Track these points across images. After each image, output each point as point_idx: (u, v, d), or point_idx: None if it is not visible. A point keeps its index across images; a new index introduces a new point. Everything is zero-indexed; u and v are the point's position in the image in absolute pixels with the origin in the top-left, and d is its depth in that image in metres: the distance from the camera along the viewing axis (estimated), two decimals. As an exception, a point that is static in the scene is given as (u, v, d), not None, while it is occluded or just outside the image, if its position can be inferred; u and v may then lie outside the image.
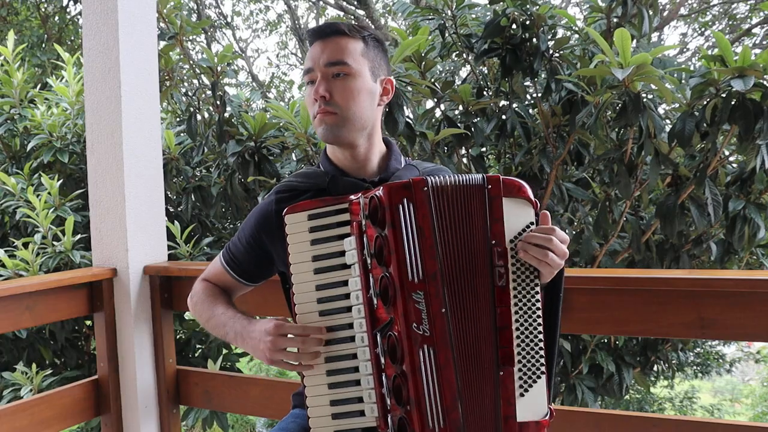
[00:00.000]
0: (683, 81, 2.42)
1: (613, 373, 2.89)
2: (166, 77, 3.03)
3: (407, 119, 2.49)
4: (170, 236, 2.62)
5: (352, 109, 1.23)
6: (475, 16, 2.79)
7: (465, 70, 3.23)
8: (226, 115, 2.97)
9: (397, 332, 1.06)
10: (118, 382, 2.20)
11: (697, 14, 8.75)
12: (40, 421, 1.99)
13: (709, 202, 2.33)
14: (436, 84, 2.71)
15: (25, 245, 2.67)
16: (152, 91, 2.29)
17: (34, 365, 2.65)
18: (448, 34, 2.77)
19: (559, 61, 2.58)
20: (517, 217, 1.09)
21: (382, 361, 1.09)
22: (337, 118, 1.23)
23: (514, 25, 2.54)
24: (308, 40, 1.29)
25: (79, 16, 8.13)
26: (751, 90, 2.04)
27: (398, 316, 1.06)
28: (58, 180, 2.98)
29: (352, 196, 1.14)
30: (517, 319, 1.08)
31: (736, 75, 2.06)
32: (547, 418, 1.10)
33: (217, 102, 2.92)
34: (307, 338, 1.12)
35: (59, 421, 2.05)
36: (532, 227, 1.10)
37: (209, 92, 3.00)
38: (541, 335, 1.10)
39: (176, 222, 2.85)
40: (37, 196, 2.79)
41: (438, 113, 2.79)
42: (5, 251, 2.70)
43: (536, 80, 2.64)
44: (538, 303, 1.10)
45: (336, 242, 1.14)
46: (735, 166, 2.68)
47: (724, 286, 1.55)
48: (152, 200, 2.28)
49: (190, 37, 3.75)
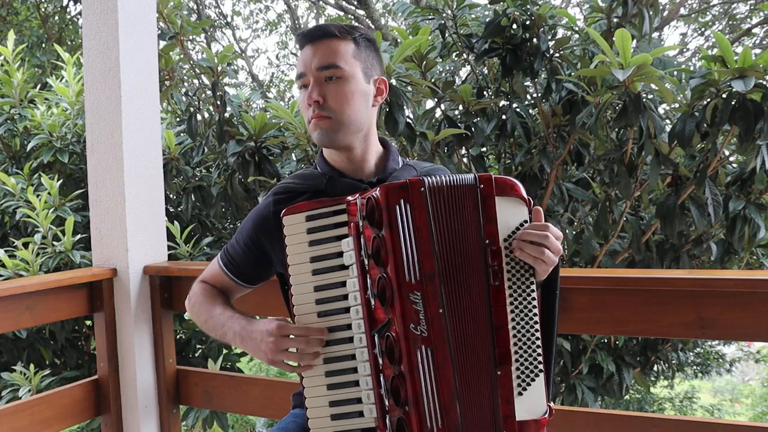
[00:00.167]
0: (683, 81, 2.42)
1: (613, 373, 2.89)
2: (166, 77, 3.03)
3: (407, 119, 2.49)
4: (170, 236, 2.62)
5: (347, 113, 1.23)
6: (475, 16, 2.79)
7: (465, 70, 3.23)
8: (227, 115, 2.97)
9: (394, 333, 1.06)
10: (118, 382, 2.20)
11: (697, 14, 8.74)
12: (40, 421, 1.99)
13: (709, 203, 2.33)
14: (437, 84, 2.71)
15: (25, 245, 2.67)
16: (152, 91, 2.29)
17: (32, 366, 2.66)
18: (448, 34, 2.77)
19: (560, 61, 2.58)
20: (510, 216, 1.09)
21: (380, 361, 1.09)
22: (332, 123, 1.23)
23: (514, 25, 2.54)
24: (299, 44, 1.27)
25: (79, 16, 8.13)
26: (751, 90, 2.04)
27: (396, 317, 1.06)
28: (58, 180, 2.98)
29: (350, 197, 1.14)
30: (514, 318, 1.08)
31: (737, 75, 2.06)
32: (547, 416, 1.10)
33: (218, 102, 2.92)
34: (309, 339, 1.12)
35: (59, 421, 2.05)
36: (526, 225, 1.10)
37: (209, 92, 3.00)
38: (538, 333, 1.09)
39: (176, 222, 2.85)
40: (37, 196, 2.79)
41: (438, 113, 2.79)
42: (5, 251, 2.71)
43: (536, 80, 2.64)
44: (534, 301, 1.10)
45: (334, 243, 1.13)
46: (735, 166, 2.68)
47: (724, 286, 1.54)
48: (152, 200, 2.28)
49: (190, 37, 3.75)
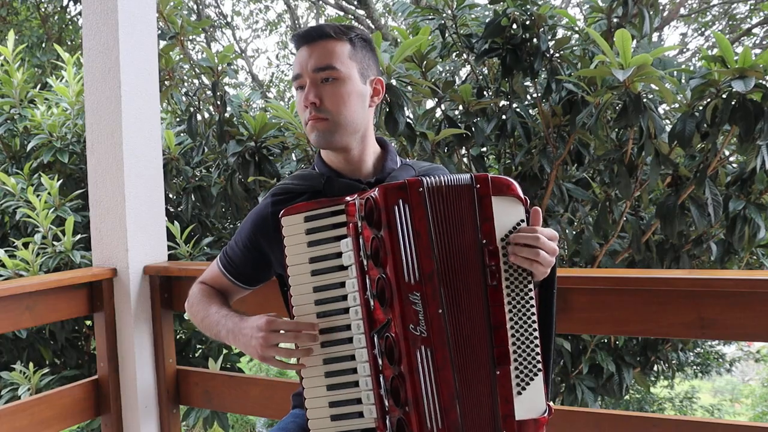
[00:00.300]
0: (683, 81, 2.42)
1: (613, 373, 2.89)
2: (166, 77, 3.03)
3: (408, 119, 2.49)
4: (170, 236, 2.62)
5: (344, 114, 1.22)
6: (475, 16, 2.79)
7: (465, 70, 3.23)
8: (227, 115, 2.97)
9: (394, 333, 1.06)
10: (118, 382, 2.20)
11: (697, 14, 8.74)
12: (40, 421, 1.99)
13: (709, 203, 2.33)
14: (437, 84, 2.71)
15: (25, 245, 2.67)
16: (152, 91, 2.29)
17: (32, 364, 2.65)
18: (448, 34, 2.77)
19: (560, 62, 2.58)
20: (507, 215, 1.09)
21: (380, 362, 1.08)
22: (329, 124, 1.22)
23: (514, 25, 2.54)
24: (294, 45, 1.27)
25: (79, 16, 8.13)
26: (751, 91, 2.04)
27: (395, 318, 1.05)
28: (58, 180, 2.98)
29: (348, 198, 1.13)
30: (512, 317, 1.08)
31: (737, 76, 2.06)
32: (546, 415, 1.10)
33: (218, 102, 2.92)
34: (300, 334, 1.11)
35: (59, 421, 2.05)
36: (523, 224, 1.10)
37: (209, 92, 3.00)
38: (536, 333, 1.09)
39: (176, 222, 2.85)
40: (37, 196, 2.79)
41: (438, 113, 2.79)
42: (5, 251, 2.71)
43: (536, 80, 2.64)
44: (532, 300, 1.09)
45: (333, 244, 1.13)
46: (735, 166, 2.68)
47: (724, 286, 1.54)
48: (152, 200, 2.28)
49: (190, 37, 3.75)
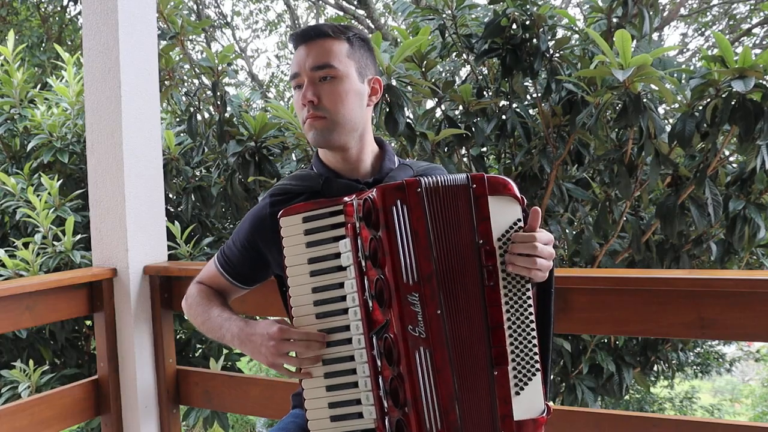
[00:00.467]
0: (683, 82, 2.42)
1: (613, 373, 2.89)
2: (166, 77, 3.03)
3: (408, 119, 2.49)
4: (170, 236, 2.62)
5: (342, 113, 1.22)
6: (475, 16, 2.79)
7: (465, 70, 3.23)
8: (227, 115, 2.97)
9: (392, 334, 1.06)
10: (118, 382, 2.20)
11: (697, 14, 8.74)
12: (40, 421, 1.99)
13: (709, 202, 2.33)
14: (437, 84, 2.71)
15: (26, 245, 2.67)
16: (152, 91, 2.29)
17: (32, 362, 2.65)
18: (448, 34, 2.77)
19: (560, 62, 2.58)
20: (503, 215, 1.09)
21: (379, 363, 1.08)
22: (327, 123, 1.22)
23: (514, 26, 2.54)
24: (293, 44, 1.27)
25: (79, 16, 8.13)
26: (751, 91, 2.04)
27: (394, 318, 1.05)
28: (58, 180, 2.98)
29: (346, 198, 1.13)
30: (509, 317, 1.08)
31: (737, 76, 2.06)
32: (545, 415, 1.10)
33: (218, 102, 2.92)
34: (310, 344, 1.11)
35: (59, 421, 2.05)
36: (520, 224, 1.09)
37: (209, 92, 3.00)
38: (534, 333, 1.09)
39: (176, 222, 2.85)
40: (37, 196, 2.79)
41: (438, 113, 2.79)
42: (5, 251, 2.71)
43: (536, 80, 2.64)
44: (530, 300, 1.09)
45: (331, 244, 1.13)
46: (735, 166, 2.68)
47: (724, 286, 1.54)
48: (152, 200, 2.28)
49: (190, 37, 3.75)
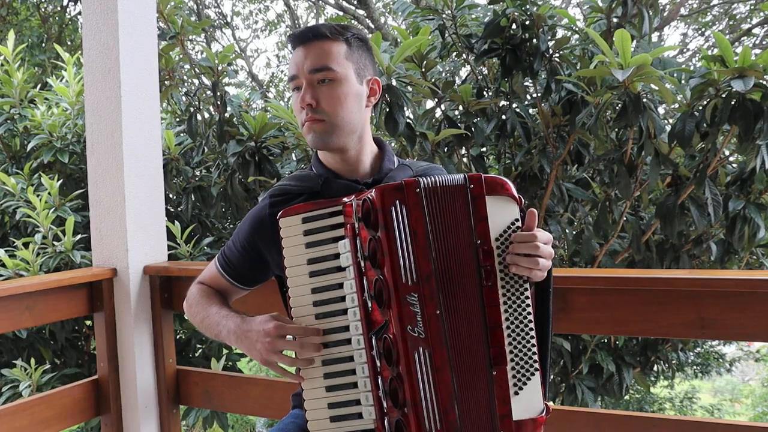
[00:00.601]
0: (683, 81, 2.42)
1: (613, 373, 2.89)
2: (166, 77, 3.03)
3: (408, 120, 2.49)
4: (170, 236, 2.62)
5: (340, 115, 1.22)
6: (474, 16, 2.79)
7: (465, 70, 3.23)
8: (227, 115, 2.97)
9: (392, 335, 1.06)
10: (118, 382, 2.20)
11: (697, 14, 8.74)
12: (40, 421, 1.99)
13: (709, 202, 2.33)
14: (437, 84, 2.71)
15: (26, 245, 2.67)
16: (152, 91, 2.29)
17: (33, 361, 2.65)
18: (448, 35, 2.77)
19: (559, 62, 2.58)
20: (501, 215, 1.09)
21: (378, 363, 1.08)
22: (326, 125, 1.22)
23: (513, 26, 2.54)
24: (290, 45, 1.26)
25: (79, 16, 8.13)
26: (751, 90, 2.04)
27: (393, 319, 1.05)
28: (58, 180, 2.98)
29: (346, 199, 1.13)
30: (508, 317, 1.08)
31: (736, 75, 2.06)
32: (544, 415, 1.10)
33: (218, 102, 2.92)
34: (305, 344, 1.11)
35: (59, 421, 2.05)
36: (517, 224, 1.09)
37: (209, 92, 3.00)
38: (532, 332, 1.09)
39: (176, 222, 2.85)
40: (37, 196, 2.79)
41: (438, 113, 2.79)
42: (5, 251, 2.71)
43: (536, 80, 2.64)
44: (528, 300, 1.09)
45: (331, 245, 1.13)
46: (735, 166, 2.68)
47: (724, 286, 1.54)
48: (152, 200, 2.28)
49: (190, 37, 3.75)
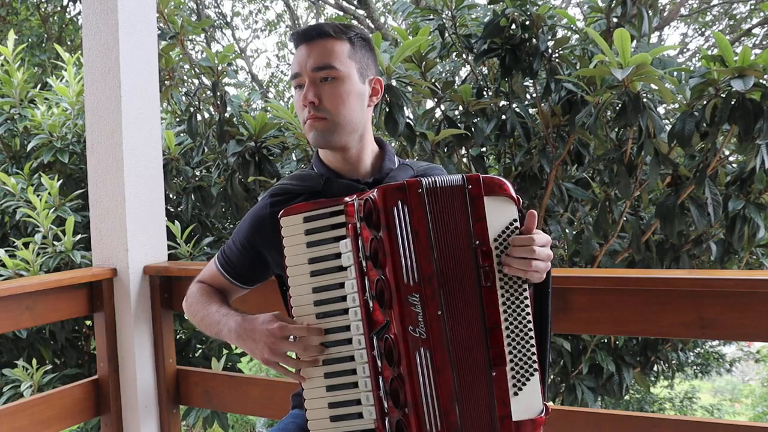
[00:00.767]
0: (683, 81, 2.42)
1: (613, 373, 2.89)
2: (166, 77, 3.03)
3: (407, 120, 2.49)
4: (170, 236, 2.62)
5: (342, 114, 1.22)
6: (474, 16, 2.79)
7: (465, 70, 3.23)
8: (227, 115, 2.97)
9: (393, 335, 1.06)
10: (118, 382, 2.20)
11: (697, 14, 8.74)
12: (40, 421, 1.99)
13: (709, 202, 2.33)
14: (437, 84, 2.71)
15: (26, 245, 2.67)
16: (152, 91, 2.29)
17: (35, 361, 2.65)
18: (447, 35, 2.77)
19: (559, 62, 2.58)
20: (499, 215, 1.09)
21: (379, 363, 1.08)
22: (328, 123, 1.22)
23: (513, 26, 2.54)
24: (294, 43, 1.27)
25: (79, 16, 8.13)
26: (750, 90, 2.04)
27: (394, 319, 1.05)
28: (58, 180, 2.98)
29: (347, 198, 1.13)
30: (506, 318, 1.08)
31: (736, 75, 2.06)
32: (543, 415, 1.10)
33: (218, 102, 2.92)
34: (308, 346, 1.11)
35: (59, 421, 2.05)
36: (516, 224, 1.09)
37: (209, 92, 3.00)
38: (531, 333, 1.09)
39: (176, 222, 2.85)
40: (38, 196, 2.79)
41: (438, 113, 2.79)
42: (5, 251, 2.71)
43: (536, 80, 2.64)
44: (527, 301, 1.09)
45: (332, 244, 1.13)
46: (735, 166, 2.68)
47: (724, 286, 1.54)
48: (152, 200, 2.28)
49: (190, 37, 3.76)
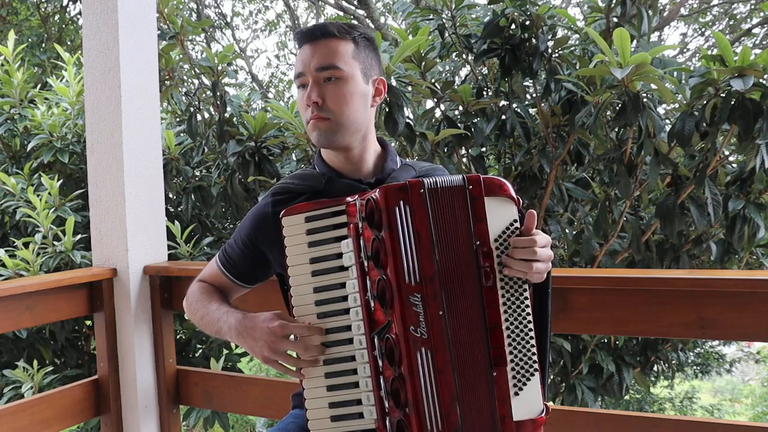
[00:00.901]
0: (683, 81, 2.42)
1: (613, 373, 2.89)
2: (166, 77, 3.03)
3: (407, 120, 2.49)
4: (170, 236, 2.62)
5: (346, 114, 1.22)
6: (474, 16, 2.79)
7: (465, 71, 3.23)
8: (227, 115, 2.97)
9: (394, 335, 1.06)
10: (118, 382, 2.20)
11: (697, 14, 8.74)
12: (40, 421, 1.99)
13: (709, 202, 2.33)
14: (436, 84, 2.71)
15: (26, 245, 2.67)
16: (152, 91, 2.29)
17: (35, 362, 2.65)
18: (447, 35, 2.77)
19: (559, 61, 2.58)
20: (499, 215, 1.09)
21: (380, 363, 1.08)
22: (331, 124, 1.22)
23: (513, 26, 2.54)
24: (297, 43, 1.26)
25: (79, 16, 8.13)
26: (750, 90, 2.04)
27: (395, 319, 1.05)
28: (58, 180, 2.98)
29: (349, 198, 1.13)
30: (507, 318, 1.08)
31: (736, 75, 2.06)
32: (544, 415, 1.10)
33: (218, 102, 2.92)
34: (309, 346, 1.11)
35: (59, 421, 2.05)
36: (516, 224, 1.10)
37: (209, 92, 3.00)
38: (531, 333, 1.09)
39: (176, 222, 2.85)
40: (38, 196, 2.79)
41: (438, 113, 2.79)
42: (5, 251, 2.71)
43: (536, 80, 2.64)
44: (527, 301, 1.09)
45: (333, 244, 1.13)
46: (735, 165, 2.68)
47: (724, 286, 1.54)
48: (152, 200, 2.28)
49: (190, 37, 3.76)
